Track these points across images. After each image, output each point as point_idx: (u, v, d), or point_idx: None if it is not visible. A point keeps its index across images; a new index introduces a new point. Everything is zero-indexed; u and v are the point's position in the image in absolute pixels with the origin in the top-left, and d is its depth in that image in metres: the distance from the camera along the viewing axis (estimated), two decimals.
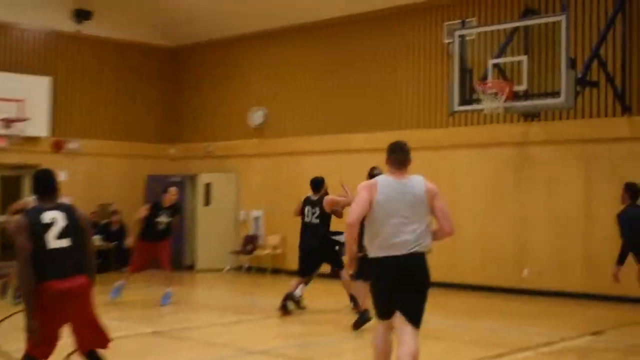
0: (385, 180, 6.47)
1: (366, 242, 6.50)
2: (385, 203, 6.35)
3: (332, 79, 18.36)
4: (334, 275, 12.50)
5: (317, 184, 12.51)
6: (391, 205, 6.34)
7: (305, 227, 12.51)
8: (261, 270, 19.10)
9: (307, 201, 12.54)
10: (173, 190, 13.73)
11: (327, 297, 14.11)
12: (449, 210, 6.64)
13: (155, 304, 13.46)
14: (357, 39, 17.96)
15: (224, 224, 19.84)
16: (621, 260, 10.34)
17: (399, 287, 6.31)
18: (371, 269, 6.51)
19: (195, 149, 21.05)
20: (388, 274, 6.34)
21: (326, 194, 12.42)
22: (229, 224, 19.93)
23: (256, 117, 19.64)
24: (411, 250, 6.29)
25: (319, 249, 12.33)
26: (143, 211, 13.51)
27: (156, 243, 13.40)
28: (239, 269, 19.59)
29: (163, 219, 13.42)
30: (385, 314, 6.46)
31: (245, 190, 19.89)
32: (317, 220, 12.31)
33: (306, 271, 12.57)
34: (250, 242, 19.39)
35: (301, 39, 19.04)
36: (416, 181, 6.51)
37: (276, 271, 18.81)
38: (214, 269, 19.42)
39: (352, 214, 6.35)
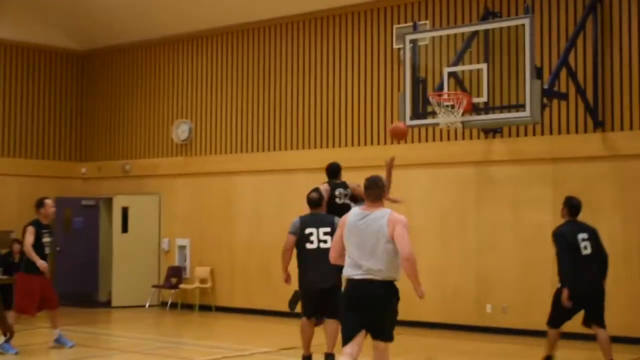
0: (353, 213, 7.93)
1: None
2: (349, 234, 7.81)
3: (267, 88, 18.11)
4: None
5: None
6: (352, 236, 7.77)
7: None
8: (188, 307, 18.79)
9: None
10: (50, 202, 13.23)
11: None
12: (406, 235, 7.75)
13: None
14: (294, 44, 17.75)
15: (144, 254, 19.47)
16: (564, 281, 10.59)
17: (355, 309, 7.76)
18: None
19: (111, 167, 20.66)
20: (346, 297, 7.88)
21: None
22: (150, 254, 19.57)
23: (181, 131, 19.33)
24: (365, 277, 7.70)
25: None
26: (29, 237, 12.69)
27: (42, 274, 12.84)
28: (162, 305, 19.26)
29: (47, 239, 12.95)
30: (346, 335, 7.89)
31: (169, 215, 19.54)
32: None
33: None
34: (175, 275, 19.05)
35: (231, 44, 18.78)
36: (382, 213, 7.78)
37: (205, 308, 18.52)
38: (133, 306, 19.05)
39: (331, 252, 8.12)
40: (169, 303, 19.02)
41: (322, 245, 10.69)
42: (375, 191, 7.91)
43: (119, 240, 19.44)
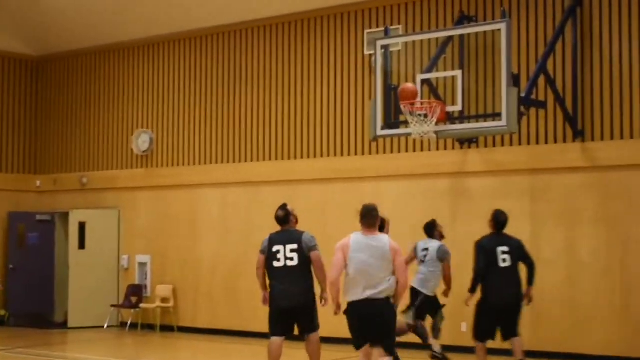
0: (356, 235, 9.54)
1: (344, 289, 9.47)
2: (355, 252, 9.38)
3: (233, 96, 18.10)
4: None
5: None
6: (360, 259, 9.33)
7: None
8: (149, 328, 18.68)
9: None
10: None
11: None
12: (405, 265, 9.89)
13: None
14: (261, 50, 17.74)
15: (102, 272, 19.35)
16: (473, 289, 11.77)
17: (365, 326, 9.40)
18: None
19: (67, 180, 20.53)
20: (354, 316, 9.43)
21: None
22: (109, 272, 19.46)
23: (141, 142, 19.26)
24: (370, 296, 9.28)
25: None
26: None
27: None
28: (121, 326, 19.14)
29: None
30: (358, 346, 9.57)
31: (129, 230, 19.44)
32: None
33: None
34: (135, 294, 18.94)
35: (194, 50, 18.75)
36: (382, 238, 9.56)
37: (167, 328, 18.42)
38: (91, 327, 18.91)
39: (332, 272, 9.52)
40: (128, 323, 18.90)
41: (289, 262, 10.92)
42: (371, 220, 9.55)
43: (75, 257, 19.29)
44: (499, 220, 11.86)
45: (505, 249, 11.65)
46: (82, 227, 19.39)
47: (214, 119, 18.38)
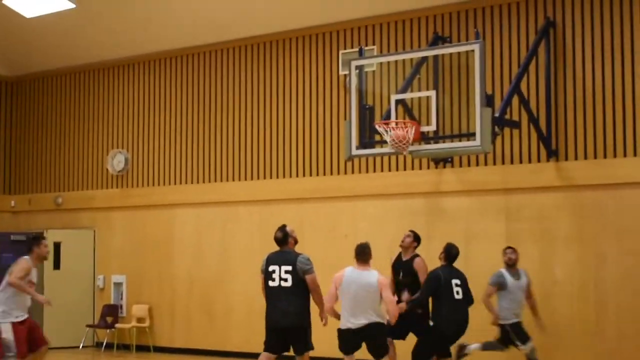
0: (350, 272, 11.05)
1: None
2: (347, 288, 10.88)
3: (208, 116, 18.04)
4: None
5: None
6: (350, 290, 10.83)
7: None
8: (124, 348, 18.57)
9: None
10: None
11: None
12: (392, 296, 11.25)
13: None
14: (236, 70, 17.71)
15: (77, 292, 19.21)
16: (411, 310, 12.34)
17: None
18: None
19: (42, 200, 20.40)
20: (346, 339, 10.99)
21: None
22: (84, 292, 19.34)
23: (116, 162, 19.16)
24: (364, 323, 10.81)
25: None
26: None
27: None
28: (97, 346, 19.01)
29: None
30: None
31: (104, 250, 19.33)
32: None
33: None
34: (111, 314, 18.80)
35: (169, 70, 18.69)
36: (372, 274, 10.99)
37: (143, 348, 18.31)
38: (66, 347, 18.68)
39: (327, 302, 11.03)
40: (104, 343, 18.75)
41: (283, 283, 11.13)
42: (364, 257, 11.09)
43: (50, 277, 19.09)
44: (450, 253, 12.49)
45: (457, 282, 12.26)
46: (57, 247, 19.23)
47: (189, 138, 18.31)
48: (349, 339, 10.99)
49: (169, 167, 18.58)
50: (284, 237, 11.41)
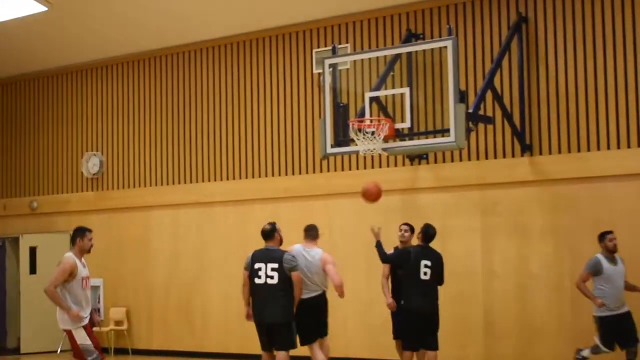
0: (298, 248, 11.91)
1: None
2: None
3: (182, 117, 17.98)
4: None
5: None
6: (300, 264, 11.52)
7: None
8: (102, 351, 18.39)
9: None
10: None
11: None
12: (335, 269, 11.86)
13: None
14: (210, 71, 17.64)
15: None
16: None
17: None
18: None
19: (17, 204, 20.23)
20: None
21: None
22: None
23: (91, 165, 19.06)
24: (310, 295, 11.64)
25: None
26: None
27: None
28: None
29: None
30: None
31: None
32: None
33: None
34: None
35: (143, 71, 18.60)
36: (317, 251, 11.90)
37: (121, 351, 18.23)
38: (44, 352, 18.64)
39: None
40: None
41: (269, 280, 11.28)
42: (313, 232, 12.15)
43: (27, 282, 18.99)
44: (428, 232, 12.39)
45: (428, 262, 12.16)
46: (32, 251, 19.12)
47: (164, 140, 18.24)
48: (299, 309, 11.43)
49: (144, 169, 18.50)
50: (270, 231, 11.58)
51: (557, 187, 13.95)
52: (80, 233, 10.83)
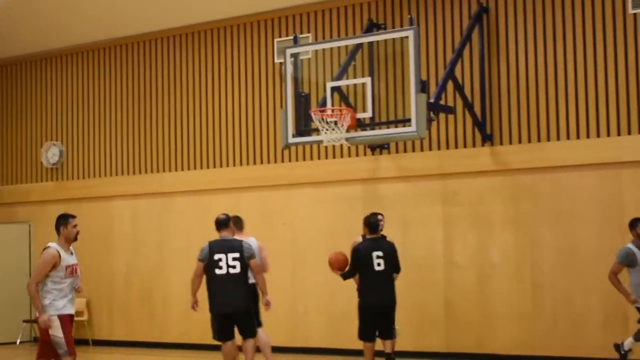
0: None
1: None
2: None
3: (143, 107, 17.82)
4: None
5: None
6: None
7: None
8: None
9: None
10: None
11: None
12: (265, 255, 12.29)
13: None
14: (171, 60, 17.50)
15: (13, 287, 18.76)
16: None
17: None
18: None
19: None
20: None
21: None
22: (20, 287, 18.84)
23: (51, 154, 18.87)
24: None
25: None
26: None
27: None
28: (34, 341, 18.66)
29: None
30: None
31: (41, 244, 18.61)
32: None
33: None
34: None
35: (102, 60, 18.41)
36: (252, 240, 12.02)
37: (81, 342, 18.03)
38: (3, 343, 18.43)
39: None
40: None
41: (232, 270, 11.35)
42: (240, 224, 12.33)
43: None
44: (370, 223, 12.28)
45: (380, 253, 12.06)
46: None
47: (124, 129, 18.08)
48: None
49: (104, 159, 18.34)
50: (226, 220, 11.64)
51: (518, 177, 14.00)
52: (63, 221, 10.40)
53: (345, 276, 12.26)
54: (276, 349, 13.23)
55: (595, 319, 13.25)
